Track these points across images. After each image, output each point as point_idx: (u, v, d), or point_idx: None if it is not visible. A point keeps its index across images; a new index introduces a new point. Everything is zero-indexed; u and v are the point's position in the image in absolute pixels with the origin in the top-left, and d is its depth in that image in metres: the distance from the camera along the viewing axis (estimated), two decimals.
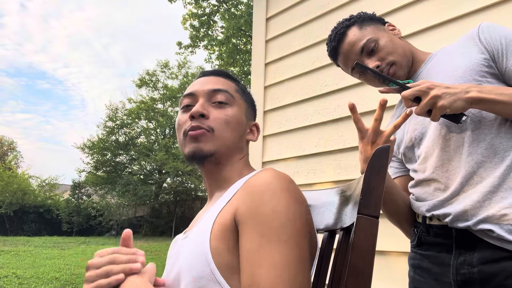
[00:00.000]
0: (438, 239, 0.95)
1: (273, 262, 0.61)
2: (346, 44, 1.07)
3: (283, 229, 0.64)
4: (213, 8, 14.41)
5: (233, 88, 0.88)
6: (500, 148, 0.88)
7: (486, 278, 0.84)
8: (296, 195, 0.70)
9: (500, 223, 0.83)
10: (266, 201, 0.66)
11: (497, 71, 0.93)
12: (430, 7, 1.83)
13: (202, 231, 0.71)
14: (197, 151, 0.79)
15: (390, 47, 1.04)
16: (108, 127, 20.18)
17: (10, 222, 18.00)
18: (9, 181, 18.88)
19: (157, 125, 20.77)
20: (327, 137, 2.20)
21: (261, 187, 0.69)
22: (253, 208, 0.67)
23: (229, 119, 0.82)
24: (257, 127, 0.92)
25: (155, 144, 20.28)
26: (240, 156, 0.86)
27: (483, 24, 0.98)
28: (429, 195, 0.97)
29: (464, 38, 1.01)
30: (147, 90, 21.55)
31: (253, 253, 0.63)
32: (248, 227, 0.66)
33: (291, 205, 0.67)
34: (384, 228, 1.20)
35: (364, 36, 1.05)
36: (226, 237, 0.68)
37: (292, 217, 0.66)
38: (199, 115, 0.81)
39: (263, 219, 0.65)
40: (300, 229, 0.66)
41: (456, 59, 0.98)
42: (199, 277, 0.66)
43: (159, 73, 21.60)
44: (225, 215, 0.70)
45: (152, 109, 20.91)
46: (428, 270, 0.96)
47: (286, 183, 0.70)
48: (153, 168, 19.82)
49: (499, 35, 0.93)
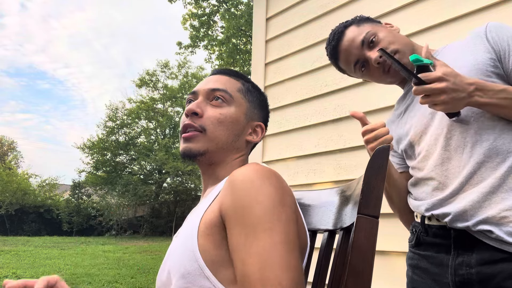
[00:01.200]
0: (436, 240, 0.95)
1: (259, 249, 0.62)
2: (345, 41, 1.08)
3: (266, 216, 0.64)
4: (213, 8, 14.42)
5: (235, 87, 0.87)
6: (503, 149, 0.88)
7: (485, 279, 0.84)
8: (278, 184, 0.69)
9: (499, 225, 0.83)
10: (246, 193, 0.67)
11: (502, 71, 0.93)
12: (430, 7, 1.83)
13: (190, 229, 0.73)
14: (186, 151, 0.82)
15: (390, 37, 1.05)
16: (108, 127, 20.18)
17: (10, 222, 18.00)
18: (9, 181, 18.87)
19: (157, 125, 20.76)
20: (327, 137, 2.20)
21: (241, 180, 0.69)
22: (235, 202, 0.67)
23: (222, 118, 0.83)
24: (262, 127, 0.90)
25: (155, 144, 20.27)
26: (236, 156, 0.86)
27: (491, 24, 0.97)
28: (427, 195, 0.97)
29: (470, 36, 1.00)
30: (147, 90, 21.55)
31: (241, 246, 0.64)
32: (233, 221, 0.67)
33: (273, 193, 0.67)
34: (384, 228, 1.20)
35: (363, 31, 1.06)
36: (213, 233, 0.69)
37: (275, 204, 0.66)
38: (192, 113, 0.82)
39: (246, 211, 0.66)
40: (284, 216, 0.66)
41: (462, 57, 0.97)
42: (187, 273, 0.68)
43: (159, 73, 21.59)
44: (212, 211, 0.72)
45: (152, 109, 20.91)
46: (427, 270, 0.96)
47: (267, 174, 0.70)
48: (153, 168, 19.81)
49: (506, 36, 0.93)
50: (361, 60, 1.06)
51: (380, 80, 1.10)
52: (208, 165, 0.84)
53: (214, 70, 0.93)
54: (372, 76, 1.09)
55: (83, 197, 20.45)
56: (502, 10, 1.60)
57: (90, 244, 12.85)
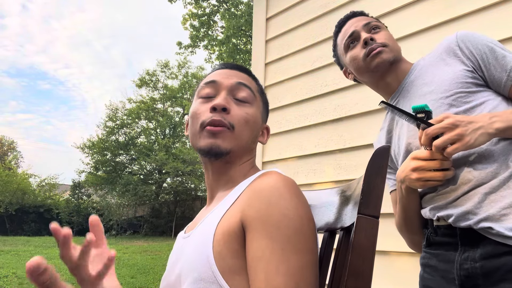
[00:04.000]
0: (445, 239, 0.96)
1: (290, 269, 0.62)
2: (357, 18, 1.14)
3: (297, 236, 0.64)
4: (213, 8, 14.42)
5: (255, 87, 0.86)
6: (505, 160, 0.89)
7: (488, 272, 0.85)
8: (303, 198, 0.70)
9: (500, 221, 0.85)
10: (274, 204, 0.66)
11: (481, 80, 0.95)
12: (429, 7, 1.83)
13: (205, 233, 0.70)
14: (214, 147, 0.76)
15: (388, 36, 1.10)
16: (108, 127, 20.17)
17: (10, 222, 18.00)
18: (9, 181, 18.86)
19: (157, 125, 20.76)
20: (327, 137, 2.20)
21: (269, 190, 0.68)
22: (262, 211, 0.66)
23: (248, 118, 0.80)
24: (268, 129, 0.90)
25: (155, 144, 20.26)
26: (249, 157, 0.85)
27: (460, 33, 0.99)
28: (432, 200, 0.98)
29: (442, 48, 1.02)
30: (147, 90, 21.55)
31: (266, 259, 0.63)
32: (258, 231, 0.65)
33: (300, 208, 0.67)
34: (384, 228, 1.20)
35: (374, 21, 1.12)
36: (231, 241, 0.67)
37: (303, 221, 0.66)
38: (222, 108, 0.77)
39: (273, 222, 0.64)
40: (310, 234, 0.67)
41: (440, 72, 0.99)
42: (200, 279, 0.66)
43: (159, 73, 21.59)
44: (231, 218, 0.69)
45: (152, 109, 20.90)
46: (436, 268, 0.98)
47: (293, 187, 0.70)
48: (153, 168, 19.80)
49: (480, 45, 0.95)
50: (355, 35, 1.10)
51: (358, 66, 1.10)
52: (224, 164, 0.81)
53: (227, 64, 0.88)
54: (353, 58, 1.10)
55: (83, 197, 20.45)
56: (502, 10, 1.60)
57: None
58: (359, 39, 1.09)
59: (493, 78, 0.94)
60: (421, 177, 0.89)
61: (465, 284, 0.89)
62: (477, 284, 0.87)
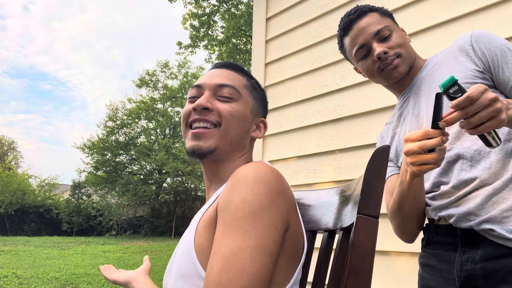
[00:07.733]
0: (445, 238, 0.96)
1: (226, 250, 0.61)
2: (364, 22, 1.06)
3: (247, 218, 0.62)
4: (213, 8, 14.41)
5: (242, 84, 0.86)
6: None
7: (488, 274, 0.85)
8: (273, 187, 0.66)
9: (501, 223, 0.85)
10: (236, 191, 0.66)
11: (491, 82, 0.94)
12: (430, 7, 1.83)
13: (190, 230, 0.73)
14: (196, 149, 0.79)
15: (401, 41, 1.05)
16: (108, 127, 20.17)
17: (10, 222, 17.99)
18: (9, 181, 18.86)
19: (157, 125, 20.75)
20: (327, 137, 2.20)
21: (238, 177, 0.68)
22: (226, 199, 0.66)
23: (234, 112, 0.81)
24: (265, 123, 0.90)
25: (155, 144, 20.26)
26: (241, 153, 0.85)
27: (475, 33, 0.98)
28: (434, 200, 0.98)
29: (455, 46, 1.01)
30: (147, 90, 21.55)
31: (217, 243, 0.63)
32: (220, 217, 0.66)
33: (263, 195, 0.64)
34: (384, 228, 1.20)
35: (383, 23, 1.05)
36: (209, 231, 0.69)
37: (262, 207, 0.63)
38: (202, 108, 0.80)
39: (231, 209, 0.64)
40: (267, 221, 0.63)
41: (451, 70, 0.98)
42: (186, 274, 0.68)
43: (159, 73, 21.59)
44: (210, 210, 0.71)
45: (152, 109, 20.90)
46: (435, 267, 0.98)
47: (265, 174, 0.67)
48: (153, 168, 19.80)
49: (493, 46, 0.94)
50: (366, 47, 1.05)
51: (372, 75, 1.09)
52: (214, 162, 0.82)
53: (217, 63, 0.90)
54: (367, 69, 1.08)
55: (83, 197, 20.44)
56: (502, 10, 1.60)
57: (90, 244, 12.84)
58: (370, 50, 1.05)
59: (500, 80, 0.93)
60: (415, 161, 0.81)
61: (465, 285, 0.89)
62: (477, 285, 0.87)
